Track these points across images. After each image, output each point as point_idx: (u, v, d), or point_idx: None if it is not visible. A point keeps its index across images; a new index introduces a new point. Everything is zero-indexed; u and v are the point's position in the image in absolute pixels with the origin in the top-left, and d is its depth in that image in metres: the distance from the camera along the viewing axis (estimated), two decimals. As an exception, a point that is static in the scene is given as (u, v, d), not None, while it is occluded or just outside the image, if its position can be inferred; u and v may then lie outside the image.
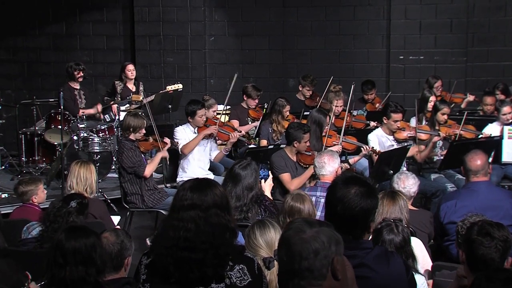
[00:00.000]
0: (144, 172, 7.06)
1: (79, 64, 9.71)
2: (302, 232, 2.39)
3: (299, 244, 2.36)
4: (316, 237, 2.37)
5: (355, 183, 3.01)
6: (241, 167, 5.41)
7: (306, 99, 10.09)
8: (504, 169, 7.98)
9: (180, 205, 2.86)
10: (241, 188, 5.34)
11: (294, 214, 4.65)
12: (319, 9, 12.13)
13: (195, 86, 12.17)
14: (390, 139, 7.80)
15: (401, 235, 4.01)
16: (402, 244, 3.99)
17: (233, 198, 5.27)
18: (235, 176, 5.38)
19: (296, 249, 2.36)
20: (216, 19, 12.36)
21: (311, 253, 2.35)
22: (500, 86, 9.99)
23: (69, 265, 3.31)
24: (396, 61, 11.81)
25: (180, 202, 2.87)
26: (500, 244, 3.24)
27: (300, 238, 2.37)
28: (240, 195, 5.33)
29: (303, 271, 2.35)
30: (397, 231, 4.02)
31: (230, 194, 5.26)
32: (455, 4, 11.53)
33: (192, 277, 2.79)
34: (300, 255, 2.35)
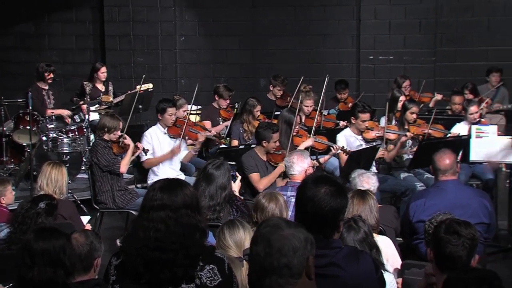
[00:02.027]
0: (120, 168, 7.06)
1: (50, 65, 9.60)
2: (280, 229, 2.40)
3: (278, 240, 2.37)
4: (295, 234, 2.39)
5: (325, 182, 3.02)
6: (214, 167, 5.40)
7: (277, 99, 10.11)
8: (472, 168, 8.07)
9: (150, 206, 2.85)
10: (214, 188, 5.34)
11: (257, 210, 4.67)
12: (290, 9, 12.17)
13: (165, 86, 12.14)
14: (358, 139, 7.84)
15: (361, 230, 4.05)
16: (363, 237, 4.03)
17: (206, 198, 5.27)
18: (208, 175, 5.37)
19: (275, 245, 2.36)
20: (187, 19, 12.34)
21: (291, 250, 2.36)
22: (469, 86, 10.11)
23: (37, 266, 3.29)
24: (366, 61, 11.90)
25: (150, 202, 2.86)
26: (467, 242, 3.28)
27: (280, 235, 2.38)
28: (213, 195, 5.33)
29: (281, 268, 2.36)
30: (356, 227, 4.05)
31: (204, 194, 5.26)
32: (423, 4, 11.65)
33: (162, 277, 2.78)
34: (280, 251, 2.36)
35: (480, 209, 5.22)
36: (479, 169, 8.07)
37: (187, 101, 8.95)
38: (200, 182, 5.40)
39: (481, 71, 11.05)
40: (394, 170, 8.09)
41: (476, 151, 7.40)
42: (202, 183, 5.37)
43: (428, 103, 10.25)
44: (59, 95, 9.86)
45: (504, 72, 10.84)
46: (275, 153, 7.03)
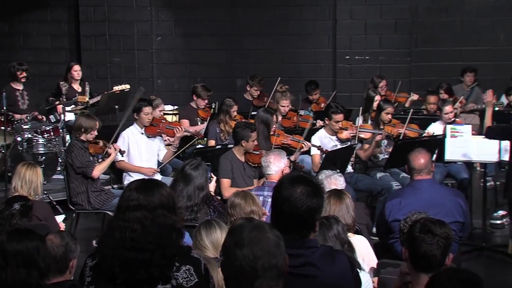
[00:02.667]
0: (93, 172, 7.00)
1: (22, 64, 9.51)
2: (265, 231, 2.44)
3: (267, 242, 2.40)
4: (277, 235, 2.44)
5: (301, 182, 3.02)
6: (192, 167, 5.40)
7: (254, 99, 10.11)
8: (447, 167, 8.13)
9: (126, 206, 2.84)
10: (192, 188, 5.34)
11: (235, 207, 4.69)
12: (267, 9, 12.18)
13: (142, 86, 12.05)
14: (333, 140, 7.88)
15: (333, 227, 4.08)
16: (335, 234, 4.06)
17: (184, 198, 5.28)
18: (186, 176, 5.37)
19: (265, 248, 2.39)
20: (163, 19, 12.30)
21: (278, 251, 2.40)
22: (444, 85, 10.19)
23: (10, 267, 3.27)
24: (342, 61, 11.95)
25: (126, 202, 2.85)
26: (442, 241, 3.30)
27: (267, 237, 2.41)
28: (191, 195, 5.33)
29: (272, 269, 2.38)
30: (328, 223, 4.08)
31: (181, 194, 5.27)
32: (399, 5, 11.73)
33: (138, 278, 2.77)
34: (269, 253, 2.39)
35: (455, 208, 5.26)
36: (454, 169, 8.14)
37: (164, 101, 8.94)
38: (177, 183, 5.40)
39: (456, 71, 11.14)
40: (370, 169, 8.13)
41: (451, 150, 7.46)
42: (180, 184, 5.36)
43: (404, 103, 10.32)
44: (34, 95, 9.77)
45: (479, 72, 10.95)
46: (253, 153, 7.03)
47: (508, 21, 11.68)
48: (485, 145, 7.22)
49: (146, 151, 7.67)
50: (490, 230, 7.76)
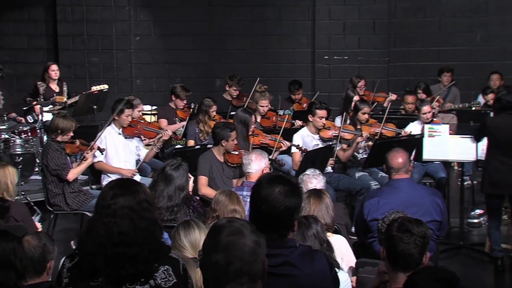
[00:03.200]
0: (68, 175, 6.94)
1: None
2: (242, 236, 2.42)
3: (241, 249, 2.39)
4: (255, 240, 2.41)
5: (279, 182, 3.03)
6: (172, 167, 5.39)
7: (233, 99, 10.11)
8: (425, 166, 8.19)
9: (110, 204, 2.83)
10: (173, 189, 5.33)
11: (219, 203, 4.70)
12: (245, 9, 12.19)
13: (120, 86, 12.04)
14: (315, 138, 7.90)
15: (312, 226, 4.10)
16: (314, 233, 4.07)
17: (165, 198, 5.27)
18: (167, 176, 5.36)
19: (238, 255, 2.38)
20: (142, 19, 12.27)
21: (253, 258, 2.38)
22: (421, 85, 10.26)
23: (-14, 268, 3.24)
24: (321, 61, 11.99)
25: (108, 201, 2.84)
26: (419, 240, 3.32)
27: (242, 243, 2.40)
28: (172, 195, 5.32)
29: (243, 276, 2.38)
30: (307, 222, 4.10)
31: (162, 194, 5.26)
32: (377, 5, 11.79)
33: (123, 274, 2.77)
34: (242, 260, 2.38)
35: (432, 207, 5.30)
36: (432, 168, 8.20)
37: (143, 101, 8.91)
38: (158, 183, 5.38)
39: (433, 71, 11.22)
40: (349, 169, 8.16)
41: (429, 150, 7.51)
42: (161, 184, 5.35)
43: (382, 103, 10.36)
44: (10, 96, 9.69)
45: (456, 72, 11.03)
46: (232, 154, 7.03)
47: (484, 21, 11.80)
48: (462, 145, 7.28)
49: (123, 151, 7.63)
50: (467, 229, 7.82)
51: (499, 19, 11.76)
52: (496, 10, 11.77)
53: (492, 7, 11.78)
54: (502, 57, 11.69)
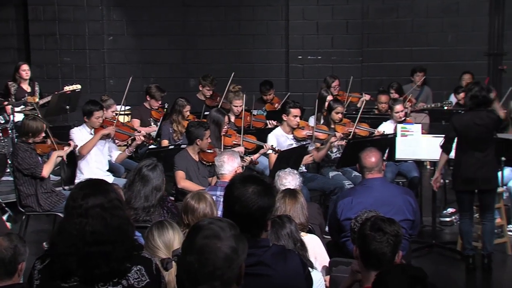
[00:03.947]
0: (42, 172, 6.90)
1: None
2: (218, 240, 2.39)
3: (214, 253, 2.37)
4: (231, 245, 2.39)
5: (252, 182, 3.04)
6: (149, 168, 5.38)
7: (206, 99, 10.09)
8: (398, 166, 8.25)
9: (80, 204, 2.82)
10: (150, 189, 5.32)
11: (188, 212, 4.66)
12: (219, 9, 12.18)
13: (94, 86, 11.97)
14: (289, 138, 7.92)
15: (286, 225, 4.10)
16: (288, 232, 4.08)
17: (142, 199, 5.25)
18: (144, 177, 5.33)
19: (210, 258, 2.36)
20: (114, 19, 12.20)
21: (226, 263, 2.36)
22: (394, 85, 10.33)
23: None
24: (295, 61, 12.02)
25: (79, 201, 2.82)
26: (392, 238, 3.34)
27: (216, 247, 2.37)
28: (149, 196, 5.30)
29: (215, 280, 2.36)
30: (281, 222, 4.10)
31: (139, 195, 5.23)
32: (350, 5, 11.85)
33: (97, 273, 2.76)
34: (214, 265, 2.36)
35: (405, 206, 5.33)
36: (404, 167, 8.25)
37: (116, 101, 8.86)
38: (135, 183, 5.35)
39: (406, 70, 11.31)
40: (323, 168, 8.19)
41: (402, 149, 7.57)
42: (138, 184, 5.33)
43: (356, 103, 10.42)
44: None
45: (428, 71, 11.13)
46: (207, 152, 7.05)
47: (456, 22, 11.91)
48: (434, 144, 7.34)
49: (95, 151, 7.57)
50: (439, 228, 7.89)
51: (470, 20, 11.88)
52: (467, 11, 11.89)
53: (463, 7, 11.90)
54: (473, 57, 11.81)
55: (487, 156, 6.58)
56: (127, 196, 5.20)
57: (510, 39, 11.81)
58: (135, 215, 5.16)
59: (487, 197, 6.67)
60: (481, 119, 6.53)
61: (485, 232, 6.66)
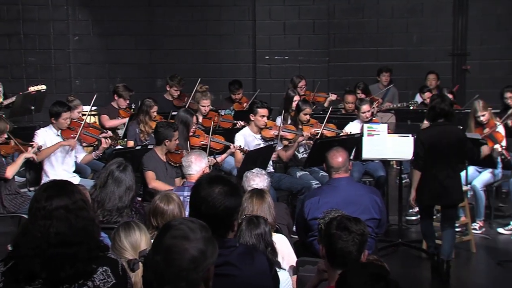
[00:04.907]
0: (5, 173, 6.81)
1: None
2: (186, 241, 2.37)
3: (180, 253, 2.35)
4: (199, 247, 2.37)
5: (218, 182, 3.04)
6: (120, 169, 5.33)
7: (174, 99, 10.06)
8: (365, 165, 8.31)
9: (43, 206, 2.79)
10: (123, 190, 5.27)
11: (157, 215, 4.64)
12: (186, 9, 12.15)
13: (59, 86, 11.86)
14: (257, 138, 7.94)
15: (261, 226, 4.11)
16: (261, 233, 4.09)
17: (116, 200, 5.20)
18: (116, 178, 5.28)
19: (176, 259, 2.34)
20: (80, 18, 12.11)
21: (191, 264, 2.34)
22: (360, 85, 10.39)
23: None
24: (262, 61, 12.05)
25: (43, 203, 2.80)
26: (357, 237, 3.37)
27: (184, 249, 2.35)
28: (122, 196, 5.26)
29: (180, 281, 2.34)
30: (256, 222, 4.11)
31: (113, 196, 5.19)
32: (316, 5, 11.91)
33: (62, 275, 2.73)
34: (180, 266, 2.34)
35: (371, 205, 5.38)
36: (371, 167, 8.32)
37: (82, 102, 8.80)
38: (107, 185, 5.30)
39: (372, 71, 11.40)
40: (290, 168, 8.22)
41: (368, 149, 7.62)
42: (111, 186, 5.28)
43: (322, 103, 10.48)
44: None
45: (394, 71, 11.24)
46: (175, 153, 7.03)
47: (420, 22, 12.05)
48: (400, 143, 7.41)
49: (61, 153, 7.50)
50: (405, 226, 7.97)
51: (434, 20, 12.03)
52: (432, 11, 12.03)
53: (427, 8, 12.03)
54: (438, 57, 11.96)
55: (453, 171, 6.52)
56: (99, 198, 5.16)
57: (473, 39, 11.97)
58: (108, 216, 5.11)
59: (450, 210, 6.61)
60: (449, 132, 6.49)
61: (446, 237, 6.57)
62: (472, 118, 8.12)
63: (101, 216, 5.06)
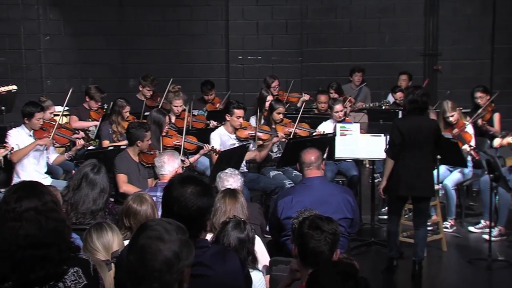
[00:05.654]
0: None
1: None
2: (160, 242, 2.36)
3: (154, 254, 2.34)
4: (173, 248, 2.35)
5: (191, 182, 3.03)
6: (94, 171, 5.28)
7: (147, 99, 10.01)
8: (337, 165, 8.35)
9: (13, 208, 2.76)
10: (97, 192, 5.22)
11: (130, 216, 4.62)
12: (158, 9, 12.11)
13: (30, 87, 11.75)
14: (232, 138, 7.95)
15: (246, 232, 4.10)
16: (245, 239, 4.08)
17: (90, 202, 5.15)
18: (91, 181, 5.24)
19: (150, 259, 2.33)
20: (51, 18, 12.01)
21: (164, 265, 2.33)
22: (333, 85, 10.44)
23: None
24: (235, 61, 12.05)
25: (12, 205, 2.77)
26: (329, 237, 3.38)
27: (158, 250, 2.34)
28: (97, 199, 5.21)
29: (153, 281, 2.33)
30: (243, 227, 4.10)
31: (88, 199, 5.14)
32: (289, 5, 11.94)
33: (32, 277, 2.71)
34: (153, 267, 2.33)
35: (344, 204, 5.40)
36: (344, 166, 8.36)
37: (54, 102, 8.72)
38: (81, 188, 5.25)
39: (345, 70, 11.45)
40: (264, 168, 8.23)
41: (341, 148, 7.66)
42: (85, 189, 5.23)
43: (296, 103, 10.50)
44: None
45: (366, 71, 11.30)
46: (147, 153, 6.99)
47: (392, 22, 12.12)
48: (373, 143, 7.46)
49: (33, 154, 7.43)
50: (378, 225, 8.01)
51: (406, 20, 12.11)
52: (403, 12, 12.11)
53: (399, 8, 12.11)
54: (410, 57, 12.05)
55: (427, 163, 6.53)
56: (73, 201, 5.10)
57: (444, 39, 12.08)
58: (82, 219, 5.07)
59: (423, 204, 6.59)
60: (426, 123, 6.51)
61: (418, 238, 6.59)
62: (441, 118, 8.20)
63: (74, 218, 5.01)
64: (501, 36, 11.95)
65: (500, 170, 7.06)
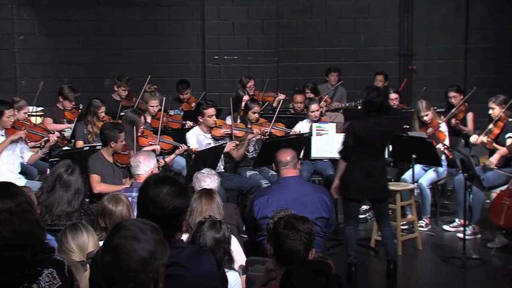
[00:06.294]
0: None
1: None
2: (135, 241, 2.34)
3: (129, 254, 2.33)
4: (148, 248, 2.35)
5: (166, 182, 3.02)
6: (68, 172, 5.24)
7: (122, 99, 9.96)
8: (314, 164, 8.37)
9: None
10: (72, 193, 5.19)
11: (105, 216, 4.60)
12: (135, 9, 12.07)
13: (4, 87, 11.67)
14: (207, 137, 7.95)
15: (222, 232, 4.10)
16: (221, 239, 4.08)
17: (65, 204, 5.12)
18: (65, 182, 5.20)
19: (125, 259, 2.32)
20: (25, 18, 11.92)
21: (140, 265, 2.32)
22: (309, 85, 10.47)
23: None
24: (212, 60, 12.04)
25: None
26: (305, 236, 3.40)
27: (132, 249, 2.33)
28: (71, 201, 5.18)
29: (127, 282, 2.32)
30: (219, 227, 4.11)
31: (62, 200, 5.11)
32: (265, 5, 11.95)
33: (6, 279, 2.68)
34: (128, 266, 2.32)
35: (320, 204, 5.43)
36: (320, 166, 8.39)
37: (28, 102, 8.65)
38: (55, 190, 5.22)
39: (321, 70, 11.48)
40: (240, 168, 8.23)
41: (317, 148, 7.69)
42: (59, 191, 5.19)
43: (272, 103, 10.51)
44: None
45: (342, 71, 11.34)
46: (121, 154, 6.96)
47: (367, 22, 12.18)
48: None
49: (6, 153, 7.37)
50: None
51: (381, 20, 12.18)
52: (378, 12, 12.17)
53: (374, 8, 12.17)
54: (385, 57, 12.12)
55: (382, 165, 6.57)
56: (47, 203, 5.07)
57: (419, 40, 12.17)
58: (57, 221, 5.03)
59: (380, 206, 6.61)
60: (381, 125, 6.47)
61: (386, 238, 6.61)
62: (416, 118, 8.27)
63: (49, 220, 4.98)
64: (474, 36, 12.07)
65: (474, 169, 7.14)
